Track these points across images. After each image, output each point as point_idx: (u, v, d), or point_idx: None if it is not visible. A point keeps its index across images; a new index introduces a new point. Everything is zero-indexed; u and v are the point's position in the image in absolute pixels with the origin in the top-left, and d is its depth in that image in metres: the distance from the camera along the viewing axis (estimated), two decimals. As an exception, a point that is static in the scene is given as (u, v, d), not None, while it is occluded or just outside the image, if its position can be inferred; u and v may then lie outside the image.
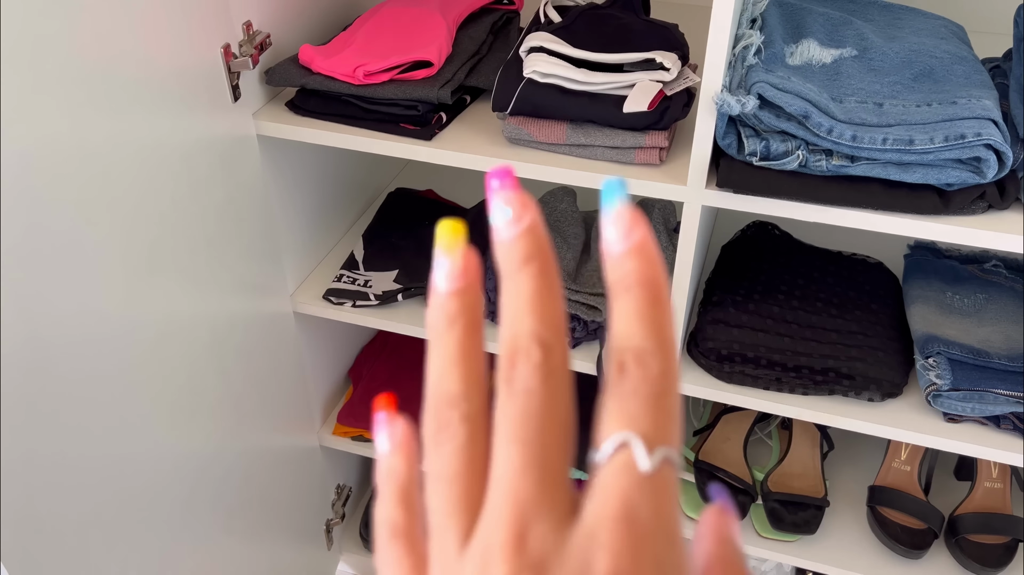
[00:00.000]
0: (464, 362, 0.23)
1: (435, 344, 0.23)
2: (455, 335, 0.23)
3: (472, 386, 0.23)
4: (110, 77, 0.76)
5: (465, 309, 0.24)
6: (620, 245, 0.23)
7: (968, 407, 0.97)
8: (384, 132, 0.98)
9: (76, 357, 0.77)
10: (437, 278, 0.24)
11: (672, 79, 0.90)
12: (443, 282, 0.24)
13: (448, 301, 0.24)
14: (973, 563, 1.15)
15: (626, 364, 0.22)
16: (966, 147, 0.78)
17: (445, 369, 0.23)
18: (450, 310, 0.24)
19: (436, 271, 0.24)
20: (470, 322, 0.23)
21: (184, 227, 0.90)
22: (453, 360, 0.23)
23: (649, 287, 0.22)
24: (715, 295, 1.12)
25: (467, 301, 0.24)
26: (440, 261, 0.24)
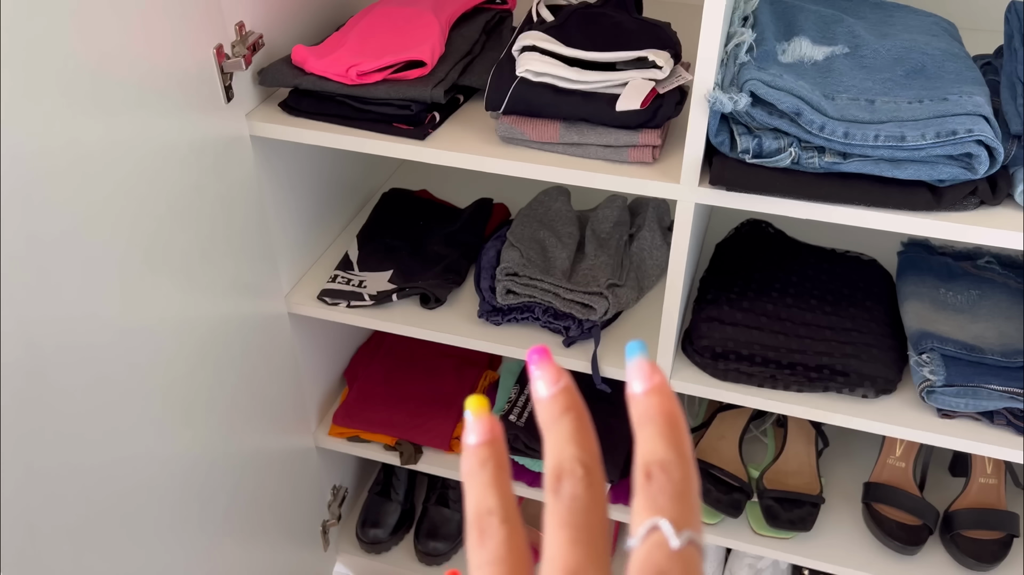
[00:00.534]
0: (497, 487, 0.29)
1: (471, 481, 0.30)
2: (487, 472, 0.29)
3: (506, 502, 0.29)
4: (102, 78, 0.76)
5: (492, 455, 0.30)
6: (641, 387, 0.29)
7: (962, 403, 0.98)
8: (377, 132, 0.98)
9: (69, 360, 0.77)
10: (468, 436, 0.30)
11: (665, 77, 0.90)
12: (473, 438, 0.30)
13: (479, 450, 0.30)
14: (968, 559, 1.16)
15: (652, 472, 0.27)
16: (958, 143, 0.78)
17: (482, 492, 0.29)
18: (481, 455, 0.30)
19: (467, 432, 0.31)
20: (498, 463, 0.30)
21: (177, 228, 0.90)
22: (487, 486, 0.29)
23: (668, 415, 0.29)
24: (709, 293, 1.12)
25: (494, 449, 0.30)
26: (470, 423, 0.31)
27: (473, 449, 0.30)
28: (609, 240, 1.23)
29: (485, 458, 0.29)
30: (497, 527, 0.28)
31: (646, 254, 1.21)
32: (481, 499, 0.29)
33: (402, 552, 1.55)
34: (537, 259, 1.16)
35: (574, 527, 0.27)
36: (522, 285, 1.11)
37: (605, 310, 1.09)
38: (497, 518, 0.28)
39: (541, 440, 1.14)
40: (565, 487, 0.28)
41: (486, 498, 0.29)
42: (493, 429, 0.30)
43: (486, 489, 0.29)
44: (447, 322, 1.15)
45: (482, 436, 0.30)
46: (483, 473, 0.29)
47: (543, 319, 1.11)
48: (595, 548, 0.27)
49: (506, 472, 0.30)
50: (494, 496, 0.29)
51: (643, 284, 1.19)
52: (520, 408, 1.32)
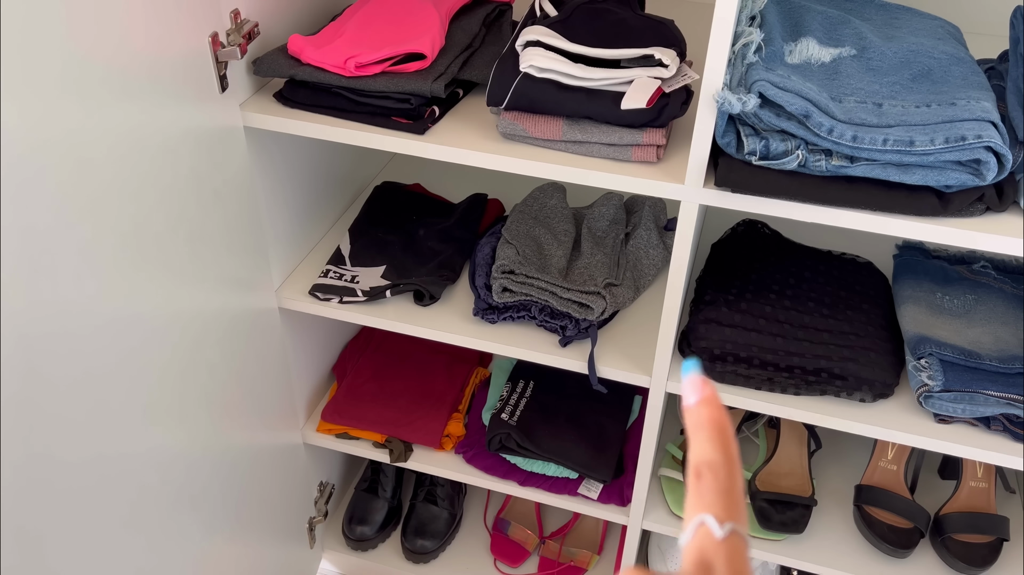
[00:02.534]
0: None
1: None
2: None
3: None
4: (94, 66, 0.73)
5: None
6: (695, 399, 0.35)
7: (959, 408, 0.97)
8: (376, 125, 0.96)
9: (57, 353, 0.75)
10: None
11: (671, 76, 0.88)
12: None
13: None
14: (959, 562, 1.16)
15: (702, 472, 0.33)
16: (966, 149, 0.78)
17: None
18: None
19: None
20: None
21: (169, 220, 0.88)
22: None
23: (717, 423, 0.34)
24: (707, 294, 1.11)
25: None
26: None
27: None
28: (605, 238, 1.22)
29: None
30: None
31: (642, 253, 1.20)
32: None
33: (389, 549, 1.53)
34: (533, 257, 1.15)
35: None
36: (518, 283, 1.09)
37: (602, 310, 1.08)
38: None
39: (533, 439, 1.13)
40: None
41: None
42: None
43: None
44: (442, 319, 1.13)
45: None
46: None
47: (540, 318, 1.10)
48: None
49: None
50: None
51: (639, 283, 1.18)
52: (512, 407, 1.30)
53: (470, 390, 1.40)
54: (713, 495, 0.32)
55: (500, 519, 1.55)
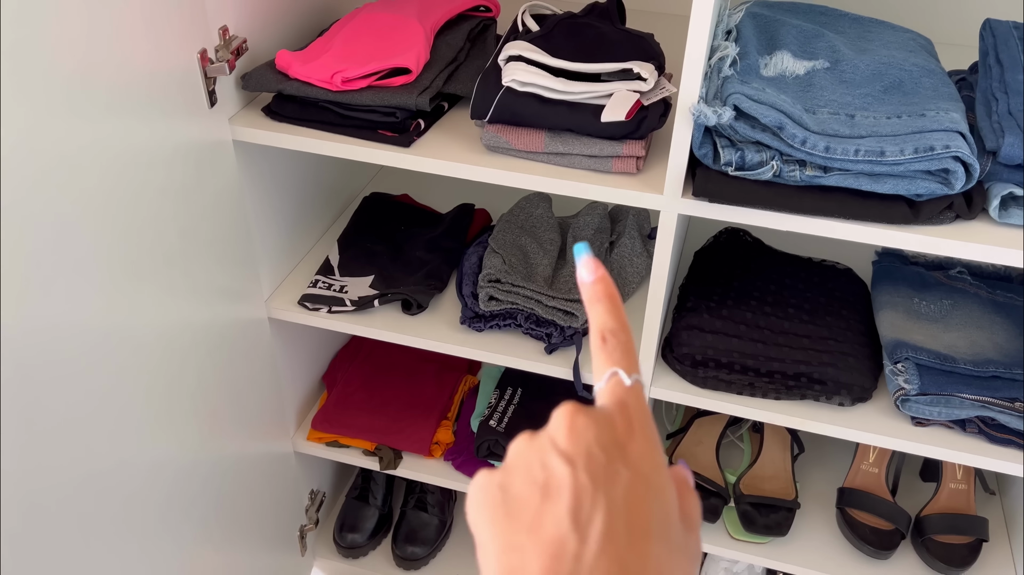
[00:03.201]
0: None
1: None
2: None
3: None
4: (85, 82, 0.75)
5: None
6: (590, 277, 0.41)
7: (935, 411, 1.00)
8: (362, 139, 0.98)
9: (48, 365, 0.76)
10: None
11: (649, 89, 0.91)
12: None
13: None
14: (939, 563, 1.18)
15: (606, 337, 0.39)
16: (935, 159, 0.80)
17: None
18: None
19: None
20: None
21: (160, 233, 0.90)
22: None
23: (611, 297, 0.41)
24: (689, 301, 1.13)
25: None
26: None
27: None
28: (590, 247, 1.24)
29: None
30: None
31: (626, 261, 1.22)
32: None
33: (380, 557, 1.55)
34: (519, 266, 1.17)
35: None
36: (504, 292, 1.11)
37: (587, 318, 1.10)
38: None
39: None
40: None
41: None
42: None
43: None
44: (429, 328, 1.15)
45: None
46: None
47: (525, 326, 1.11)
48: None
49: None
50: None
51: (623, 291, 1.20)
52: (500, 414, 1.32)
53: (459, 398, 1.41)
54: (619, 353, 0.38)
55: (490, 525, 1.57)
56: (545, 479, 0.33)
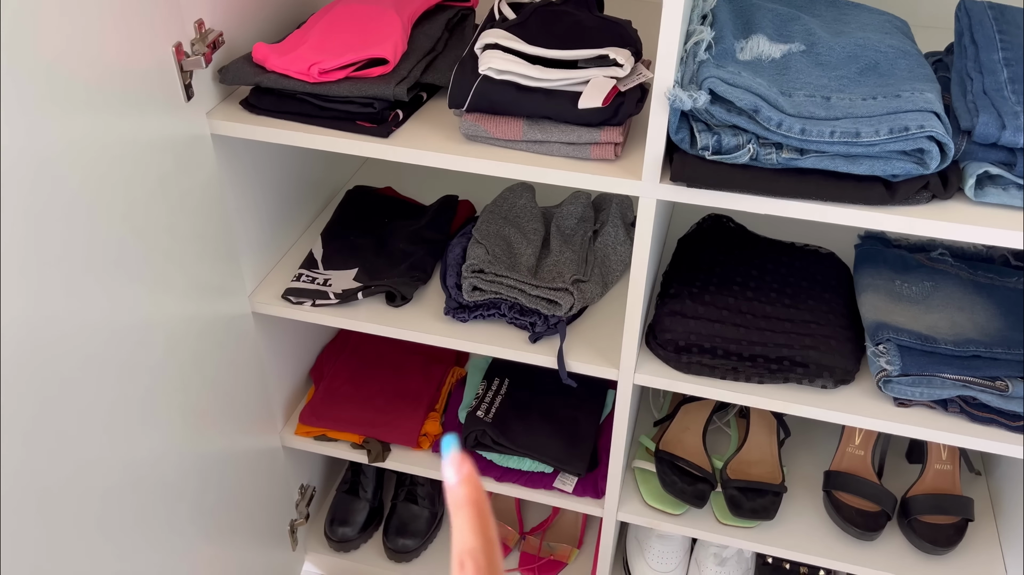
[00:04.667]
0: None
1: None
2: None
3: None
4: (58, 77, 0.75)
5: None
6: (454, 479, 0.36)
7: (917, 391, 1.00)
8: (340, 130, 0.98)
9: (30, 363, 0.76)
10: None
11: (626, 75, 0.91)
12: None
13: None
14: (925, 543, 1.19)
15: (464, 562, 0.34)
16: (910, 139, 0.80)
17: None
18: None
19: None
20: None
21: (139, 229, 0.89)
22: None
23: (475, 504, 0.35)
24: (672, 287, 1.13)
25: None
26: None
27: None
28: (573, 236, 1.24)
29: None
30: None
31: (610, 250, 1.23)
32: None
33: (371, 550, 1.55)
34: (503, 256, 1.17)
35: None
36: (488, 282, 1.12)
37: (570, 306, 1.10)
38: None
39: (508, 435, 1.14)
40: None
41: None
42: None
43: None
44: (413, 319, 1.15)
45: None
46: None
47: (509, 315, 1.12)
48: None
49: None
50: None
51: (607, 279, 1.21)
52: (488, 404, 1.32)
53: (447, 389, 1.42)
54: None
55: (481, 516, 1.57)
56: None
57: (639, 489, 1.28)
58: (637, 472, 1.30)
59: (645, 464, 1.29)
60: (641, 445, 1.33)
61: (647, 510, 1.26)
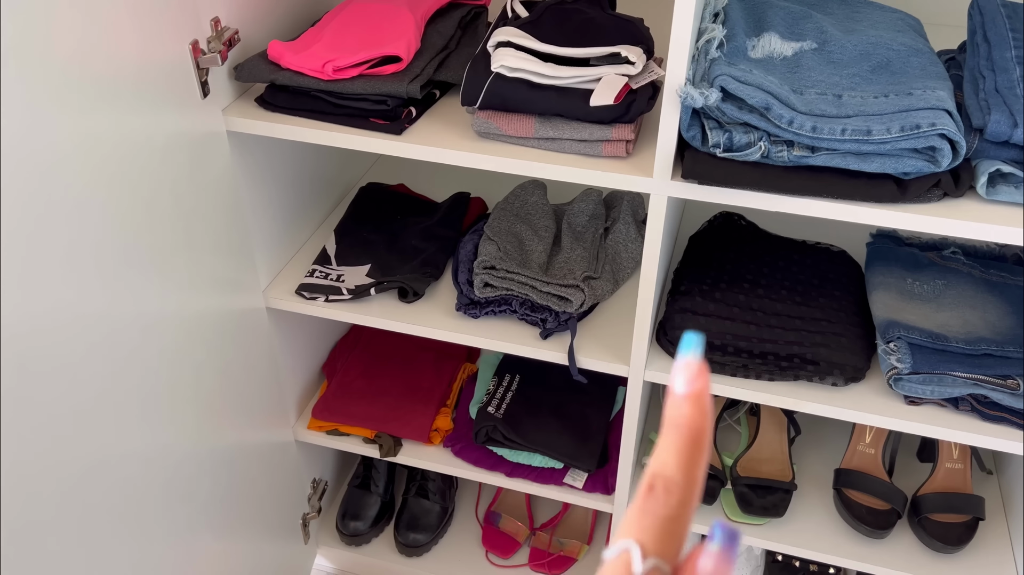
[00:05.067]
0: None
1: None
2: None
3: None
4: (77, 75, 0.76)
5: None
6: (682, 389, 0.29)
7: (928, 390, 1.00)
8: (354, 127, 0.99)
9: (46, 356, 0.77)
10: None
11: (637, 73, 0.91)
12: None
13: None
14: (935, 542, 1.19)
15: (655, 487, 0.28)
16: (921, 137, 0.80)
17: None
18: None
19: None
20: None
21: (155, 224, 0.91)
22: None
23: (694, 432, 0.28)
24: (683, 284, 1.14)
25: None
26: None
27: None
28: (585, 233, 1.24)
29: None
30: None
31: (621, 247, 1.23)
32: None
33: (382, 544, 1.56)
34: (514, 252, 1.18)
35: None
36: (499, 278, 1.12)
37: (581, 302, 1.11)
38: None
39: (519, 431, 1.14)
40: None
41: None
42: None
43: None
44: (425, 315, 1.16)
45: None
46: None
47: (520, 312, 1.12)
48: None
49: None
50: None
51: (618, 276, 1.21)
52: (499, 400, 1.33)
53: (458, 385, 1.42)
54: (653, 520, 0.28)
55: (491, 512, 1.58)
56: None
57: (649, 485, 1.29)
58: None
59: (655, 461, 1.29)
60: (651, 442, 1.34)
61: (657, 506, 1.27)
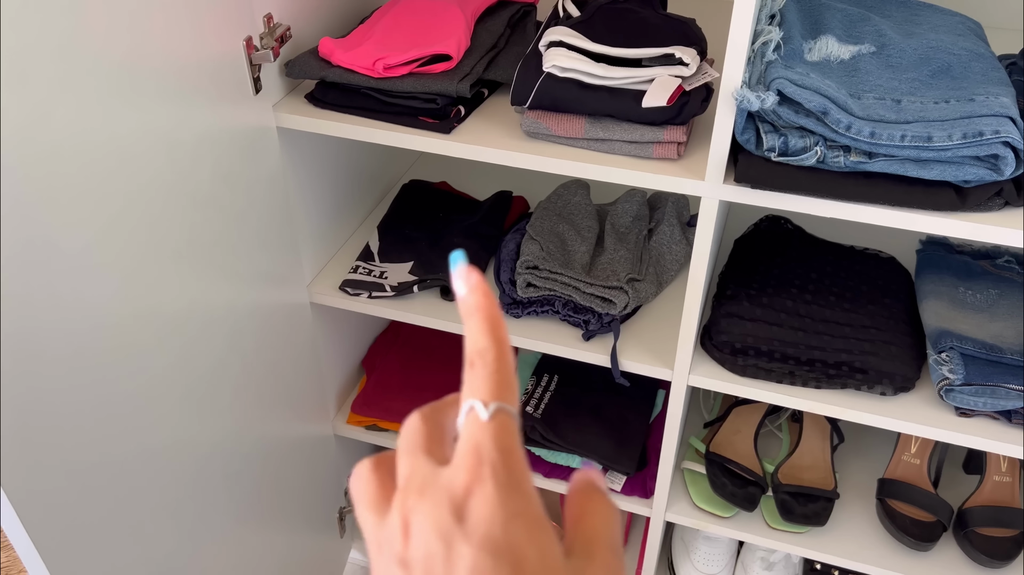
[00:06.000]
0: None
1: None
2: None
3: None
4: (134, 70, 0.77)
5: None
6: (464, 289, 0.35)
7: (980, 402, 0.98)
8: (403, 125, 0.99)
9: (98, 346, 0.78)
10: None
11: (691, 74, 0.90)
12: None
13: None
14: (982, 556, 1.16)
15: (474, 361, 0.33)
16: (984, 144, 0.78)
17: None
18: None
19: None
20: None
21: (205, 218, 0.91)
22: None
23: (485, 309, 0.34)
24: (729, 289, 1.12)
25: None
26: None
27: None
28: (628, 234, 1.23)
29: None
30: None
31: (665, 249, 1.22)
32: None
33: (417, 540, 1.56)
34: (557, 253, 1.17)
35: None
36: (542, 278, 1.12)
37: (625, 304, 1.10)
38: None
39: (557, 431, 1.14)
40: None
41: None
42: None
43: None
44: (467, 314, 1.16)
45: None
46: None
47: (563, 312, 1.12)
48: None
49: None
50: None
51: (662, 279, 1.20)
52: (537, 400, 1.33)
53: (496, 384, 1.42)
54: (481, 381, 0.32)
55: (526, 511, 1.58)
56: None
57: (688, 490, 1.28)
58: (686, 473, 1.29)
59: (694, 466, 1.28)
60: (690, 446, 1.33)
61: (696, 511, 1.26)
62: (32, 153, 0.67)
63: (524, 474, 0.31)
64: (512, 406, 0.32)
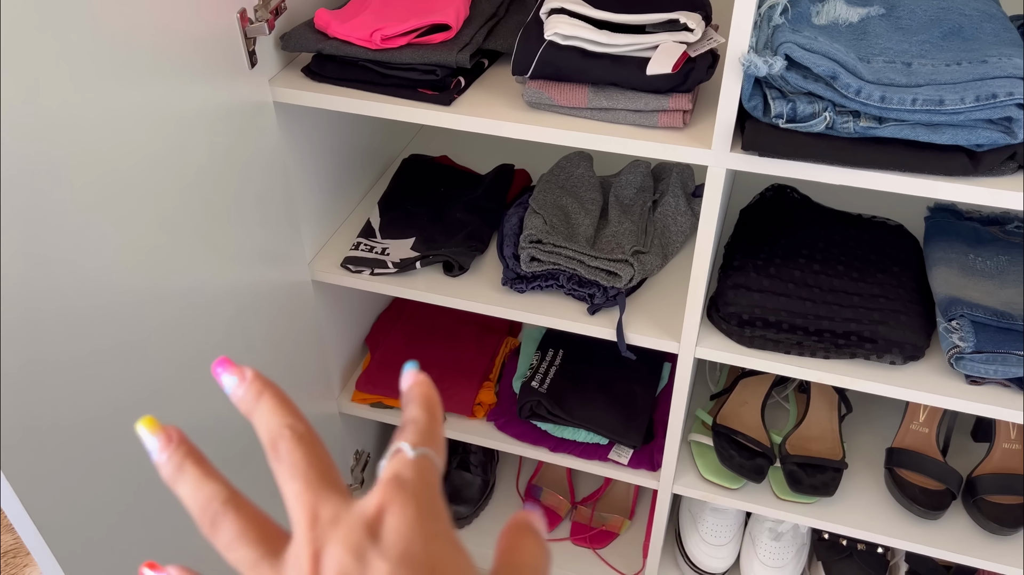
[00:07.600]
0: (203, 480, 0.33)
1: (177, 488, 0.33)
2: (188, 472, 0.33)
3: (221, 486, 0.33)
4: (128, 44, 0.75)
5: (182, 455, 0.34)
6: (408, 382, 0.37)
7: (991, 369, 0.97)
8: (402, 97, 0.97)
9: (97, 326, 0.77)
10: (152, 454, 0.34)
11: (696, 40, 0.88)
12: (155, 454, 0.34)
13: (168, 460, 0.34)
14: (991, 523, 1.16)
15: (406, 426, 0.35)
16: (997, 107, 0.77)
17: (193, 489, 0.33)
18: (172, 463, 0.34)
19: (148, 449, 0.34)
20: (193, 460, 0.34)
21: (203, 195, 0.90)
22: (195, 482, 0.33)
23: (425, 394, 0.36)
24: (736, 259, 1.11)
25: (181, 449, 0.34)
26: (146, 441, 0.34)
27: (162, 463, 0.34)
28: (633, 206, 1.22)
29: (178, 462, 0.33)
30: (222, 509, 0.32)
31: (670, 220, 1.20)
32: (195, 494, 0.32)
33: (424, 516, 1.56)
34: (560, 226, 1.16)
35: (301, 474, 0.32)
36: (546, 252, 1.10)
37: (630, 277, 1.09)
38: (219, 501, 0.32)
39: (563, 406, 1.13)
40: (282, 449, 0.33)
41: (200, 491, 0.32)
42: (169, 435, 0.34)
43: (196, 485, 0.33)
44: (471, 289, 1.15)
45: (163, 447, 0.34)
46: (184, 475, 0.33)
47: (567, 286, 1.10)
48: (325, 481, 0.32)
49: (204, 464, 0.33)
50: (207, 486, 0.32)
51: (667, 250, 1.19)
52: (542, 375, 1.32)
53: (500, 359, 1.41)
54: (410, 434, 0.34)
55: (532, 485, 1.58)
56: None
57: (695, 462, 1.27)
58: (693, 446, 1.29)
59: (702, 438, 1.28)
60: (697, 419, 1.32)
61: (703, 483, 1.25)
62: (25, 132, 0.65)
63: (444, 509, 0.32)
64: (439, 457, 0.34)
